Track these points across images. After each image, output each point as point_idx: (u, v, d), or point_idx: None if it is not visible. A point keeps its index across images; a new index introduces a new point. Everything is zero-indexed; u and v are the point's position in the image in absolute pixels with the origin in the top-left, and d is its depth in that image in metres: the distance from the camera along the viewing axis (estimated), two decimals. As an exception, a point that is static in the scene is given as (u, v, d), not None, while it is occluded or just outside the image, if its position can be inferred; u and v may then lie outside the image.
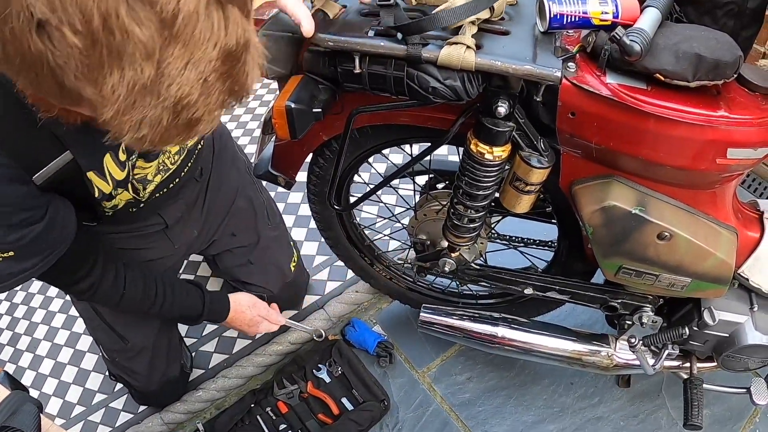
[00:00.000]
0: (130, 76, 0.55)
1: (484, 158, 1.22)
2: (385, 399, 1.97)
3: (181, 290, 1.63)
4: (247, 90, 0.67)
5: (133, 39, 0.53)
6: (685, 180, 1.21)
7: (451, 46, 1.05)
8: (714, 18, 1.14)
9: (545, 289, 1.60)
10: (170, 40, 0.55)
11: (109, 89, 0.56)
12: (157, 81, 0.57)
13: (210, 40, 0.57)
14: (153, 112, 0.59)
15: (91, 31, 0.51)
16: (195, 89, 0.59)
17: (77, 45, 0.52)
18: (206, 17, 0.56)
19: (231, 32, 0.59)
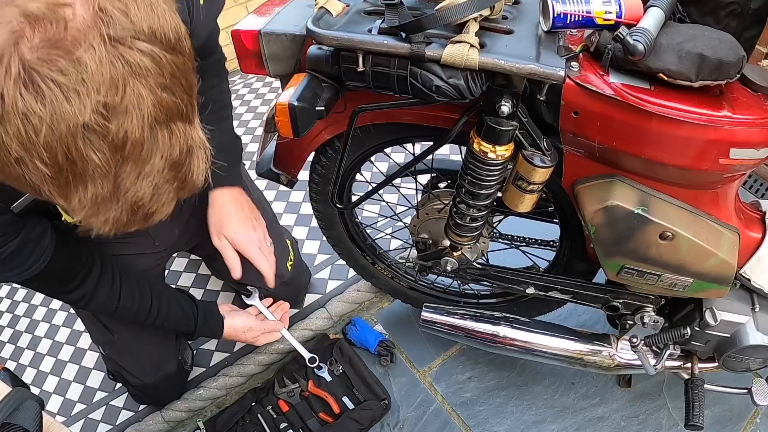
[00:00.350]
0: (92, 191, 0.65)
1: (486, 157, 1.22)
2: (386, 398, 1.97)
3: (176, 308, 1.66)
4: (195, 185, 0.75)
5: (91, 164, 0.62)
6: (688, 180, 1.21)
7: (454, 44, 1.05)
8: (717, 18, 1.14)
9: (547, 289, 1.60)
10: (122, 160, 0.64)
11: (76, 202, 0.66)
12: (115, 192, 0.67)
13: (156, 155, 0.66)
14: (114, 214, 0.69)
15: (57, 161, 0.61)
16: (147, 193, 0.69)
17: (47, 173, 0.61)
18: (152, 138, 0.64)
19: (174, 144, 0.68)
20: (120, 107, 0.60)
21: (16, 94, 0.56)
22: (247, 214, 1.64)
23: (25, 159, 0.60)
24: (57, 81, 0.57)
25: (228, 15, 3.33)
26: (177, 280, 2.45)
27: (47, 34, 0.56)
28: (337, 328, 2.24)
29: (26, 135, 0.58)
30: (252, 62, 1.31)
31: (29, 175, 0.62)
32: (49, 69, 0.56)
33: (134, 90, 0.61)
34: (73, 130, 0.59)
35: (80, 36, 0.57)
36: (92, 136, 0.61)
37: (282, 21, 1.27)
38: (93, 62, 0.58)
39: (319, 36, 1.10)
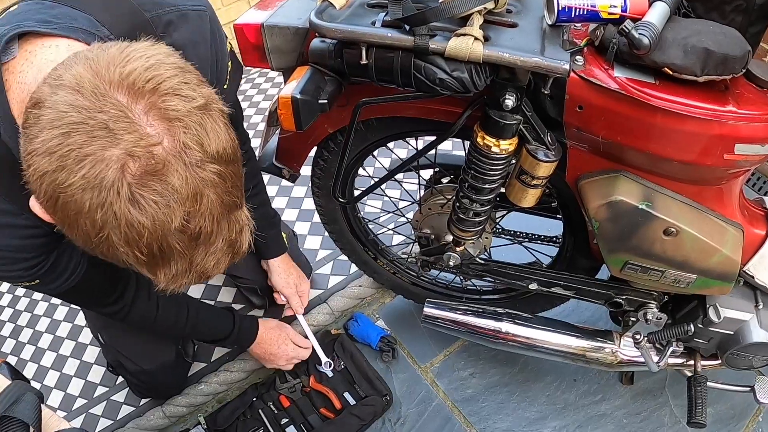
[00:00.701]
0: (174, 269, 0.83)
1: (490, 151, 1.21)
2: (388, 394, 1.97)
3: (211, 313, 1.82)
4: (243, 253, 0.93)
5: (175, 251, 0.80)
6: (692, 175, 1.20)
7: (458, 37, 1.04)
8: (722, 13, 1.14)
9: (550, 285, 1.59)
10: (196, 246, 0.82)
11: (161, 276, 0.84)
12: (189, 268, 0.85)
13: (219, 239, 0.84)
14: (185, 280, 0.87)
15: (152, 252, 0.78)
16: (211, 265, 0.87)
17: (143, 259, 0.79)
18: (218, 227, 0.82)
19: (232, 229, 0.86)
20: (198, 212, 0.78)
21: (125, 211, 0.73)
22: (294, 277, 2.06)
23: (128, 252, 0.78)
24: (155, 199, 0.73)
25: (230, 10, 3.32)
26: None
27: (145, 165, 0.72)
28: (338, 323, 2.24)
29: (132, 237, 0.75)
30: (254, 56, 1.31)
31: (128, 259, 0.80)
32: (149, 191, 0.73)
33: (207, 198, 0.78)
34: (166, 233, 0.76)
35: (168, 165, 0.73)
36: (178, 234, 0.78)
37: (285, 14, 1.27)
38: (179, 183, 0.74)
39: (322, 28, 1.09)
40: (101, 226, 0.74)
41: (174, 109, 0.75)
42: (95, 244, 0.77)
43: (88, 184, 0.71)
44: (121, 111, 0.72)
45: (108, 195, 0.72)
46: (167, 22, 1.10)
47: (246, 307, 2.28)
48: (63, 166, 0.71)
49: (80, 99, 0.72)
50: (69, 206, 0.74)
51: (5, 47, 0.92)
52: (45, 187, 0.74)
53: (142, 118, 0.73)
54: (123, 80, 0.73)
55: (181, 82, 0.77)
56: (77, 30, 0.98)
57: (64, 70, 0.76)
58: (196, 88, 0.79)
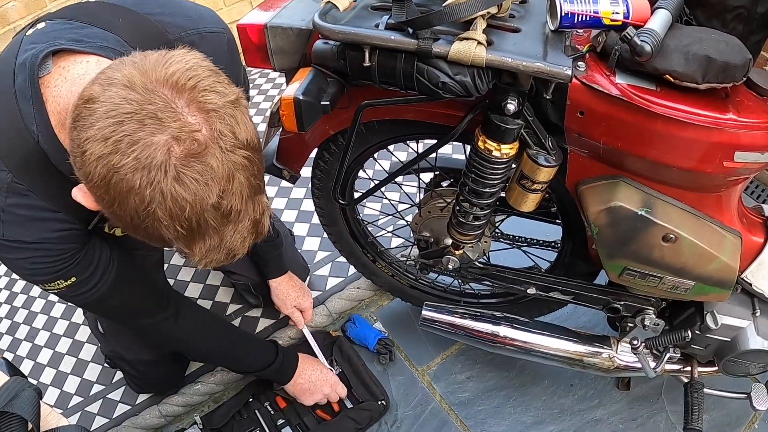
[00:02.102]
0: (208, 244, 0.93)
1: (491, 155, 1.21)
2: (384, 399, 1.97)
3: (254, 342, 1.89)
4: (264, 234, 1.01)
5: (210, 226, 0.90)
6: (692, 182, 1.21)
7: (461, 41, 1.04)
8: (723, 21, 1.14)
9: (548, 290, 1.60)
10: (227, 223, 0.91)
11: (196, 250, 0.93)
12: (221, 244, 0.94)
13: (246, 218, 0.94)
14: (216, 257, 0.96)
15: (191, 226, 0.88)
16: (238, 243, 0.96)
17: (183, 233, 0.89)
18: (245, 206, 0.92)
19: (257, 210, 0.95)
20: (230, 191, 0.88)
21: (171, 187, 0.83)
22: (293, 297, 2.10)
23: (170, 225, 0.87)
24: (195, 178, 0.84)
25: (232, 10, 3.33)
26: (177, 274, 2.44)
27: (188, 149, 0.83)
28: (336, 325, 2.24)
29: (175, 211, 0.85)
30: (257, 56, 1.31)
31: (168, 235, 0.89)
32: (191, 171, 0.83)
33: (238, 180, 0.88)
34: (205, 208, 0.86)
35: (207, 149, 0.84)
36: (214, 210, 0.88)
37: (288, 15, 1.27)
38: (216, 164, 0.85)
39: (325, 30, 1.10)
40: (149, 201, 0.83)
41: (211, 103, 0.86)
42: (142, 218, 0.86)
43: (140, 165, 0.81)
44: (166, 103, 0.82)
45: (157, 174, 0.82)
46: (190, 43, 1.17)
47: (243, 308, 2.28)
48: (117, 150, 0.81)
49: (132, 93, 0.82)
50: (121, 185, 0.83)
51: (42, 63, 1.04)
52: (99, 169, 0.83)
53: (184, 110, 0.83)
54: (168, 78, 0.84)
55: (215, 81, 0.88)
56: (107, 49, 1.10)
57: (113, 72, 0.86)
58: (228, 86, 0.90)
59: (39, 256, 1.18)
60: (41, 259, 1.19)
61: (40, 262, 1.19)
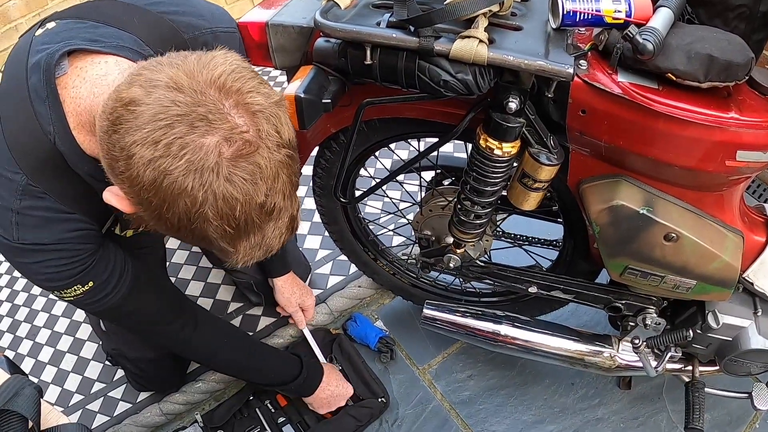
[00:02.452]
0: (252, 241, 0.94)
1: (493, 154, 1.21)
2: (384, 396, 1.97)
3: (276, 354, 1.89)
4: (296, 231, 1.03)
5: (255, 224, 0.90)
6: (694, 181, 1.21)
7: (463, 39, 1.04)
8: (725, 20, 1.14)
9: (549, 288, 1.60)
10: (269, 220, 0.92)
11: (240, 248, 0.94)
12: (262, 241, 0.95)
13: (285, 214, 0.94)
14: (256, 254, 0.97)
15: (239, 225, 0.89)
16: (277, 240, 0.97)
17: (230, 232, 0.89)
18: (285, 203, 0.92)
19: (294, 206, 0.96)
20: (275, 189, 0.89)
21: (223, 186, 0.83)
22: (298, 295, 2.11)
23: (218, 225, 0.88)
24: (245, 178, 0.84)
25: (234, 8, 3.34)
26: (178, 273, 2.44)
27: (237, 149, 0.83)
28: (337, 323, 2.24)
29: (225, 211, 0.86)
30: (258, 54, 1.31)
31: (214, 234, 0.90)
32: (241, 171, 0.84)
33: (281, 178, 0.89)
34: (254, 206, 0.87)
35: (254, 149, 0.85)
36: (260, 209, 0.88)
37: (290, 13, 1.27)
38: (264, 163, 0.86)
39: (327, 28, 1.10)
40: (201, 202, 0.84)
41: (257, 104, 0.87)
42: (192, 219, 0.87)
43: (192, 167, 0.82)
44: (215, 105, 0.83)
45: (209, 176, 0.83)
46: (203, 42, 1.22)
47: (244, 306, 2.28)
48: (168, 153, 0.81)
49: (180, 96, 0.82)
50: (173, 187, 0.83)
51: (57, 63, 1.03)
52: (149, 173, 0.83)
53: (232, 111, 0.84)
54: (215, 80, 0.85)
55: (258, 83, 0.90)
56: (124, 48, 1.10)
57: (152, 74, 0.85)
58: (269, 87, 0.92)
59: (56, 258, 1.17)
60: (59, 261, 1.17)
61: (58, 265, 1.17)
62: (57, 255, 1.16)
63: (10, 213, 1.10)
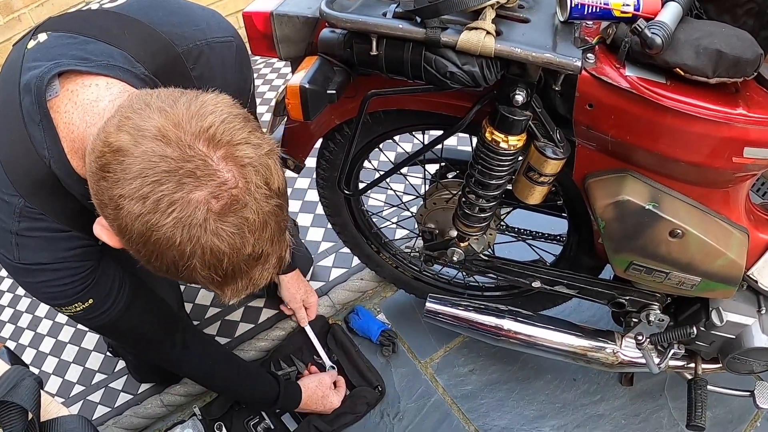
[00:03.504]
0: (239, 285, 0.95)
1: (498, 147, 1.21)
2: (379, 384, 1.98)
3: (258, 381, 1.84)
4: (286, 264, 1.02)
5: (242, 271, 0.91)
6: (700, 177, 1.20)
7: (470, 31, 1.03)
8: (734, 16, 1.13)
9: (553, 283, 1.59)
10: (256, 265, 0.92)
11: (228, 292, 0.96)
12: (250, 282, 0.95)
13: (273, 256, 0.95)
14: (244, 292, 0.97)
15: (226, 274, 0.90)
16: (266, 278, 0.97)
17: (218, 279, 0.91)
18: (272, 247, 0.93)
19: (282, 248, 0.97)
20: (263, 238, 0.89)
21: (211, 241, 0.84)
22: (303, 292, 2.14)
23: (206, 275, 0.89)
24: (232, 231, 0.85)
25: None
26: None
27: (225, 205, 0.83)
28: (339, 316, 2.24)
29: (213, 263, 0.87)
30: (263, 44, 1.31)
31: (201, 280, 0.91)
32: (228, 225, 0.84)
33: (270, 227, 0.90)
34: (242, 258, 0.88)
35: (242, 203, 0.85)
36: (248, 258, 0.89)
37: (295, 3, 1.26)
38: (252, 216, 0.86)
39: (332, 18, 1.09)
40: (189, 255, 0.85)
41: (247, 157, 0.86)
42: (180, 269, 0.88)
43: (180, 224, 0.83)
44: (203, 160, 0.83)
45: (197, 231, 0.83)
46: (197, 54, 1.22)
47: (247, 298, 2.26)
48: (156, 209, 0.82)
49: (167, 149, 0.82)
50: (161, 242, 0.84)
51: (48, 84, 1.03)
52: (138, 227, 0.84)
53: (221, 165, 0.84)
54: (203, 132, 0.84)
55: (249, 132, 0.88)
56: (114, 68, 1.09)
57: (141, 120, 0.85)
58: (261, 136, 0.91)
59: (58, 277, 1.18)
60: (61, 280, 1.19)
61: (59, 284, 1.19)
62: (58, 274, 1.18)
63: (10, 235, 1.12)
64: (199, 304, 2.31)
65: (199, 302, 2.32)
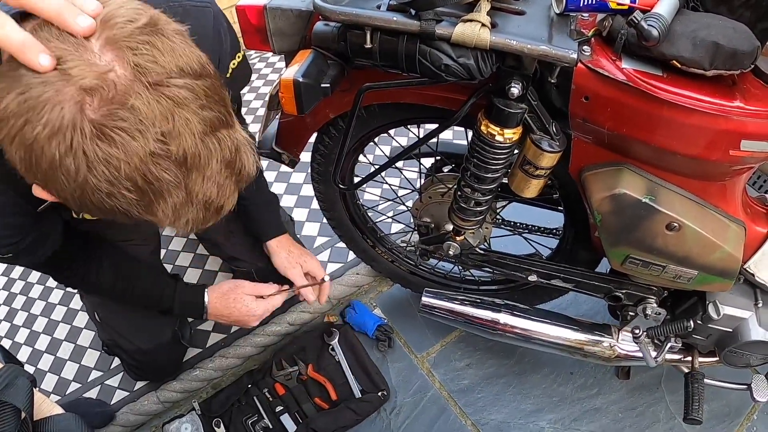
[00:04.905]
0: (171, 202, 0.81)
1: (494, 140, 1.20)
2: (385, 389, 1.97)
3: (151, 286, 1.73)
4: (249, 175, 0.91)
5: (164, 181, 0.78)
6: (697, 170, 1.19)
7: (465, 23, 1.03)
8: (731, 8, 1.12)
9: (549, 277, 1.59)
10: (188, 171, 0.79)
11: (161, 214, 0.83)
12: (189, 198, 0.82)
13: (212, 160, 0.82)
14: (192, 214, 0.86)
15: (138, 186, 0.77)
16: (214, 192, 0.85)
17: (133, 198, 0.78)
18: (205, 147, 0.80)
19: (224, 148, 0.83)
20: (174, 132, 0.76)
21: (94, 148, 0.72)
22: (297, 254, 1.89)
23: (114, 192, 0.76)
24: (121, 127, 0.72)
25: (233, -7, 3.31)
26: (175, 260, 2.44)
27: (103, 96, 0.71)
28: (335, 310, 2.24)
29: (111, 174, 0.74)
30: (256, 38, 1.30)
31: (120, 204, 0.79)
32: (113, 120, 0.72)
33: (181, 116, 0.76)
34: (144, 159, 0.74)
35: (128, 89, 0.72)
36: (159, 160, 0.76)
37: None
38: (143, 105, 0.73)
39: (326, 11, 1.08)
40: (76, 171, 0.73)
41: (119, 34, 0.74)
42: (78, 193, 0.76)
43: (52, 132, 0.71)
44: (67, 48, 0.72)
45: (73, 136, 0.71)
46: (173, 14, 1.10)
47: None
48: (27, 121, 0.71)
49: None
50: (42, 162, 0.73)
51: None
52: (20, 154, 0.74)
53: (89, 51, 0.72)
54: None
55: (121, 6, 0.76)
56: None
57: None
58: (141, 9, 0.77)
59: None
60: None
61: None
62: None
63: None
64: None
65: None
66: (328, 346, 2.08)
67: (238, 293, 1.76)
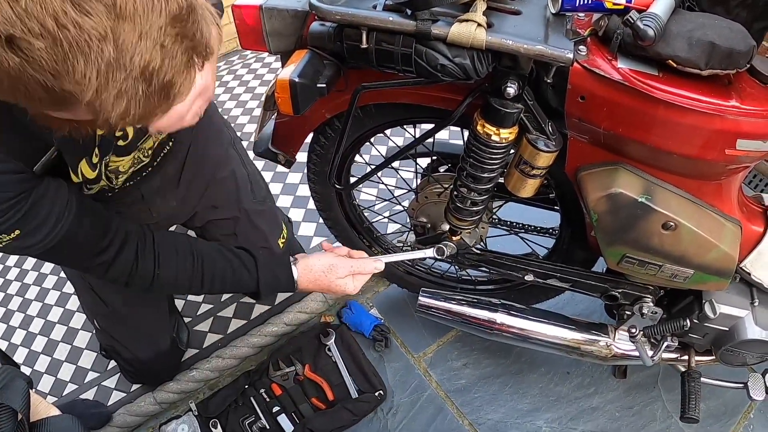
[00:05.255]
0: (93, 58, 0.64)
1: (490, 140, 1.20)
2: (382, 389, 1.97)
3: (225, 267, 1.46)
4: (208, 46, 0.75)
5: (85, 28, 0.62)
6: (693, 170, 1.19)
7: (461, 23, 1.03)
8: (727, 8, 1.12)
9: (546, 276, 1.59)
10: (118, 19, 0.63)
11: (80, 75, 0.65)
12: (119, 57, 0.65)
13: (154, 10, 0.65)
14: (126, 85, 0.68)
15: (48, 31, 0.61)
16: (156, 55, 0.68)
17: (42, 47, 0.61)
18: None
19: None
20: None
21: None
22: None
23: (16, 35, 0.61)
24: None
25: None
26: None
27: None
28: (332, 310, 2.23)
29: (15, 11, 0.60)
30: (252, 38, 1.29)
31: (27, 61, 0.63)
32: None
33: None
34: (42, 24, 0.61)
35: None
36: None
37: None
38: None
39: (322, 11, 1.08)
40: None
41: None
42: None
43: None
44: None
45: None
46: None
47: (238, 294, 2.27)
48: None
49: None
50: None
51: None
52: None
53: None
54: None
55: None
56: None
57: None
58: None
59: None
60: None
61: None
62: None
63: None
64: (190, 301, 2.31)
65: (191, 299, 2.32)
66: (325, 346, 2.08)
67: (331, 279, 1.52)
